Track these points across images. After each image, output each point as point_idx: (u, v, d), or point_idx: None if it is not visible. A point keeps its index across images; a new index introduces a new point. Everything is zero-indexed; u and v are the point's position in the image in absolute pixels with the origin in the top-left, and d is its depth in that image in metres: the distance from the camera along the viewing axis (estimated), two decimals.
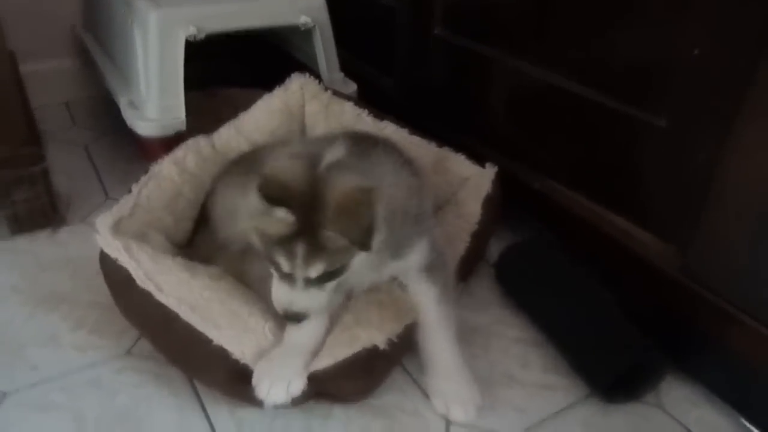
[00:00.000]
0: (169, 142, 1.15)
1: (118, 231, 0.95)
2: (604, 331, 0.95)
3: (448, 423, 0.87)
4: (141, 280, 0.87)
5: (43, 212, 1.18)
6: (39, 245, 1.16)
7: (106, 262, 0.92)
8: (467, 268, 1.08)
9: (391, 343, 0.86)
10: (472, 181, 1.18)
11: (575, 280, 1.03)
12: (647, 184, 0.96)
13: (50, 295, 1.04)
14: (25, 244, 1.16)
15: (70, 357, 0.92)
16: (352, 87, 1.39)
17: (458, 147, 1.20)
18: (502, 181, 1.15)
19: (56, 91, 1.71)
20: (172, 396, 0.88)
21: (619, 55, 0.95)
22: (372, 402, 0.89)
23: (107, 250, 0.91)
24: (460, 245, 1.06)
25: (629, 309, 0.97)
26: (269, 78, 1.28)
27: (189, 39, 1.15)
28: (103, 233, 0.93)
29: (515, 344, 1.01)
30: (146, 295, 0.85)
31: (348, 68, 1.42)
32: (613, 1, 0.94)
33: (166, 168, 1.07)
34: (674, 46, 0.86)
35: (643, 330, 0.93)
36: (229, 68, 1.66)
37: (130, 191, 1.04)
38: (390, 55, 1.42)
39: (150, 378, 0.90)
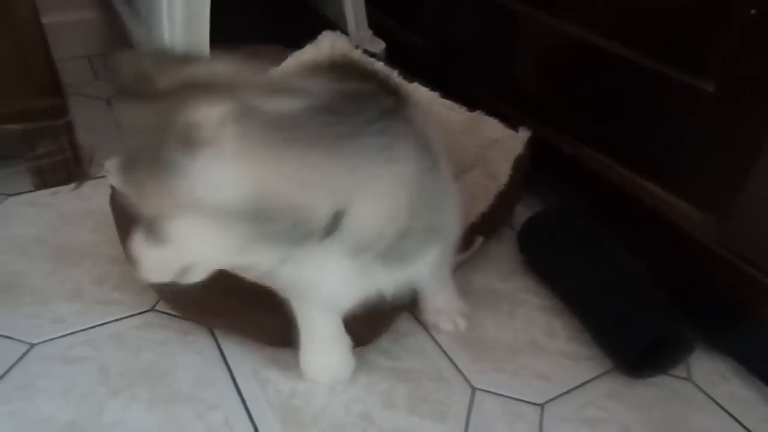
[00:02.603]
0: None
1: None
2: (629, 303, 0.93)
3: (473, 389, 0.86)
4: None
5: (66, 166, 1.17)
6: (62, 199, 1.15)
7: (117, 202, 0.91)
8: (488, 227, 1.05)
9: None
10: (504, 142, 1.14)
11: (600, 249, 1.00)
12: (687, 152, 0.93)
13: (73, 249, 1.04)
14: (48, 197, 1.15)
15: (94, 311, 0.92)
16: (380, 45, 1.35)
17: (487, 109, 1.16)
18: (532, 145, 1.12)
19: (78, 44, 1.68)
20: (196, 353, 0.87)
21: (666, 13, 0.90)
22: (397, 366, 0.88)
23: (119, 187, 0.89)
24: (482, 203, 1.04)
25: (661, 280, 0.94)
26: (294, 35, 1.25)
27: None
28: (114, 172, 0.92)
29: (541, 312, 1.00)
30: None
31: (376, 26, 1.37)
32: None
33: None
34: (729, 4, 0.81)
35: (674, 301, 0.91)
36: (251, 24, 1.62)
37: None
38: (419, 14, 1.38)
39: (173, 335, 0.90)
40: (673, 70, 0.90)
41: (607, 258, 0.99)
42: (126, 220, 0.87)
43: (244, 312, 0.84)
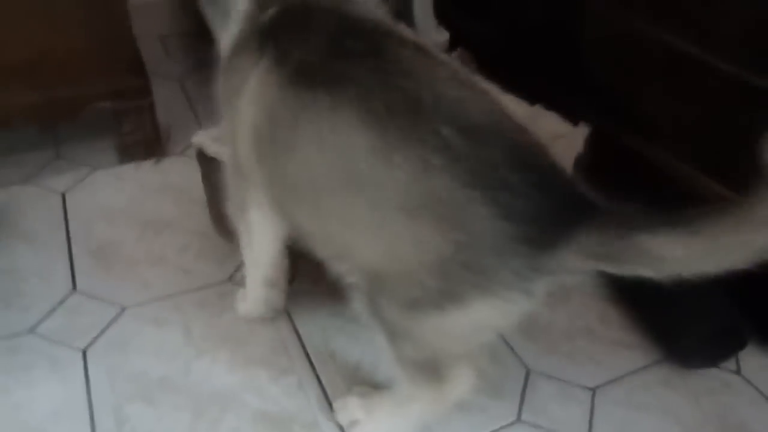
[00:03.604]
0: None
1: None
2: (684, 294, 0.95)
3: (528, 370, 0.91)
4: None
5: (147, 143, 1.25)
6: (143, 173, 1.24)
7: (206, 174, 1.00)
8: None
9: None
10: (565, 140, 1.17)
11: None
12: (752, 154, 0.94)
13: (156, 220, 1.12)
14: (131, 171, 1.24)
15: (179, 278, 1.00)
16: (444, 35, 1.39)
17: (552, 101, 1.19)
18: (596, 139, 1.14)
19: (150, 25, 1.75)
20: (270, 323, 0.94)
21: (738, 13, 0.91)
22: None
23: (208, 150, 0.96)
24: None
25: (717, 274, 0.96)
26: None
27: None
28: (203, 139, 0.98)
29: (596, 300, 1.03)
30: None
31: (441, 14, 1.40)
32: None
33: None
34: None
35: (730, 295, 0.93)
36: None
37: None
38: (486, 2, 1.40)
39: None
40: (745, 72, 0.91)
41: None
42: (217, 195, 0.95)
43: None
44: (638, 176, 1.12)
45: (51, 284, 0.98)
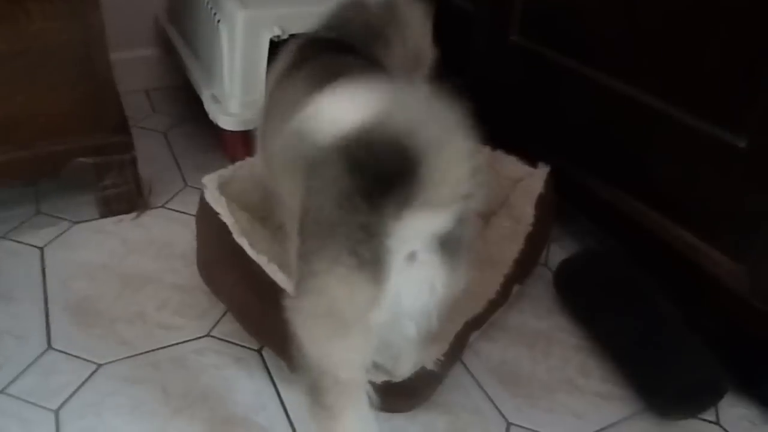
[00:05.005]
0: (250, 137, 1.21)
1: (222, 192, 1.02)
2: (664, 346, 0.96)
3: (508, 424, 0.90)
4: (237, 234, 0.94)
5: (129, 197, 1.25)
6: (124, 227, 1.24)
7: (203, 217, 1.00)
8: (524, 271, 1.09)
9: (438, 362, 0.88)
10: (524, 182, 1.20)
11: (637, 292, 1.04)
12: (722, 204, 0.97)
13: (136, 275, 1.12)
14: (112, 225, 1.24)
15: (157, 335, 0.99)
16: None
17: (527, 154, 1.22)
18: (555, 182, 1.17)
19: (136, 79, 1.79)
20: (248, 378, 0.94)
21: (703, 71, 0.95)
22: (436, 399, 0.93)
23: (212, 204, 0.98)
24: (513, 247, 1.08)
25: (694, 325, 0.98)
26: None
27: (273, 39, 1.20)
28: (211, 189, 1.00)
29: (576, 352, 1.04)
30: (238, 250, 0.92)
31: None
32: (702, 13, 0.94)
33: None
34: (763, 61, 0.86)
35: (708, 346, 0.94)
36: None
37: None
38: (463, 57, 1.44)
39: (228, 360, 0.96)
40: (707, 125, 0.95)
41: (643, 301, 1.02)
42: (210, 234, 0.97)
43: None
44: (614, 223, 1.14)
45: (26, 342, 0.97)
